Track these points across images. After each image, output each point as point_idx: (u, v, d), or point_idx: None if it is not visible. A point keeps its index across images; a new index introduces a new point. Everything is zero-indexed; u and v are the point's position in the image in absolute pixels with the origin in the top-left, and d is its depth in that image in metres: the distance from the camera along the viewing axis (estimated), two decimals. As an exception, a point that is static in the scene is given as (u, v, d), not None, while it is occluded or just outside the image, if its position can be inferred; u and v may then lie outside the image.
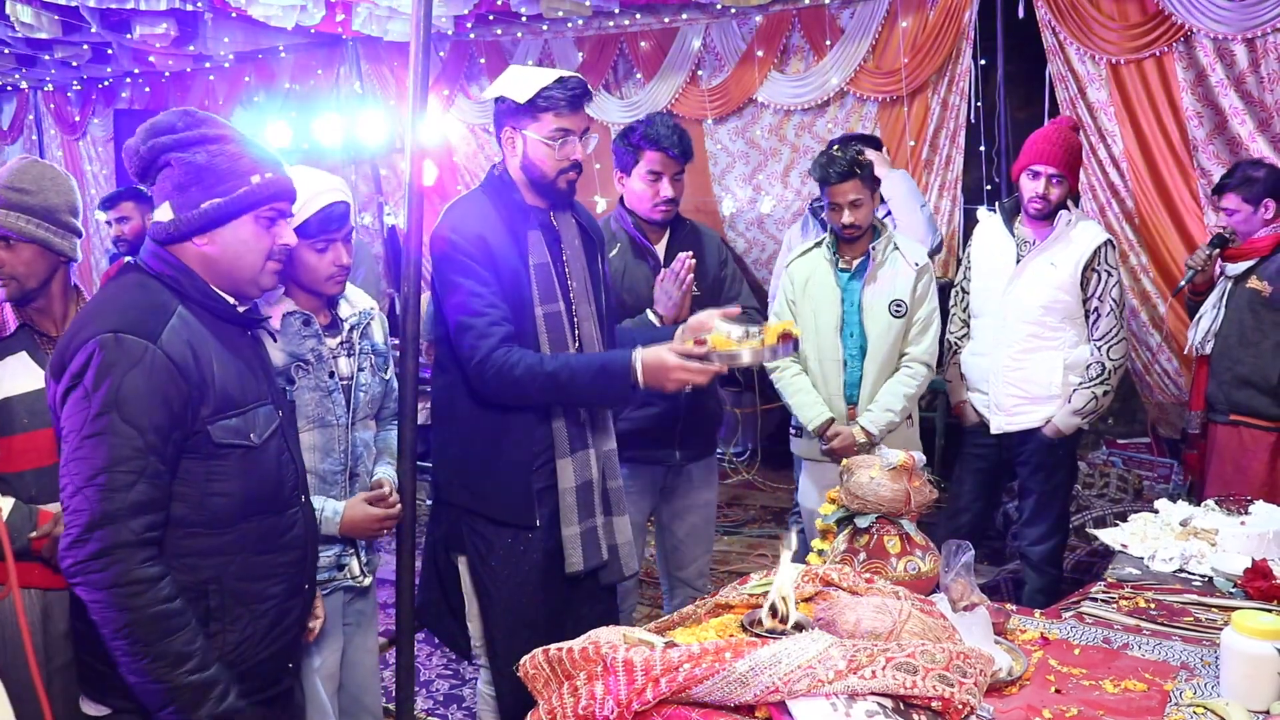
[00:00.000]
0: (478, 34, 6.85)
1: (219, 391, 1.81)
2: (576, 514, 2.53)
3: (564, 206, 2.61)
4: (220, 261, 1.87)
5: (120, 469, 1.69)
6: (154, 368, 1.72)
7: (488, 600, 2.56)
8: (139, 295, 1.81)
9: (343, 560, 2.41)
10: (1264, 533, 2.39)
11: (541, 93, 2.44)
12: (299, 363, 2.30)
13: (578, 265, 2.60)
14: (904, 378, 3.44)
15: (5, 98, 9.67)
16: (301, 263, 2.29)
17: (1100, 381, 3.51)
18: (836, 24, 5.75)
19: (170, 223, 1.84)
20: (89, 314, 1.80)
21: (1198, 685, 1.77)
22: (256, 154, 1.89)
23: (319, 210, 2.25)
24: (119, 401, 1.69)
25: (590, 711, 1.38)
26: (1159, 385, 5.09)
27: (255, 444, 1.87)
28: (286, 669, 2.02)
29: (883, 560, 2.04)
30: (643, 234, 3.18)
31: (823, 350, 3.49)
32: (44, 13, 6.08)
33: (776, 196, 6.18)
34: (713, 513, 3.46)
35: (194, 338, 1.80)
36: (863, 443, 3.37)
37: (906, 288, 3.42)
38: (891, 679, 1.40)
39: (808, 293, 3.50)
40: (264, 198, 1.87)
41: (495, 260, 2.45)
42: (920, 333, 3.46)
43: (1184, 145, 4.70)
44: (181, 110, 1.89)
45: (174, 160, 1.83)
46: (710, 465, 3.41)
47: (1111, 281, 3.52)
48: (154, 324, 1.76)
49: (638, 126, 3.11)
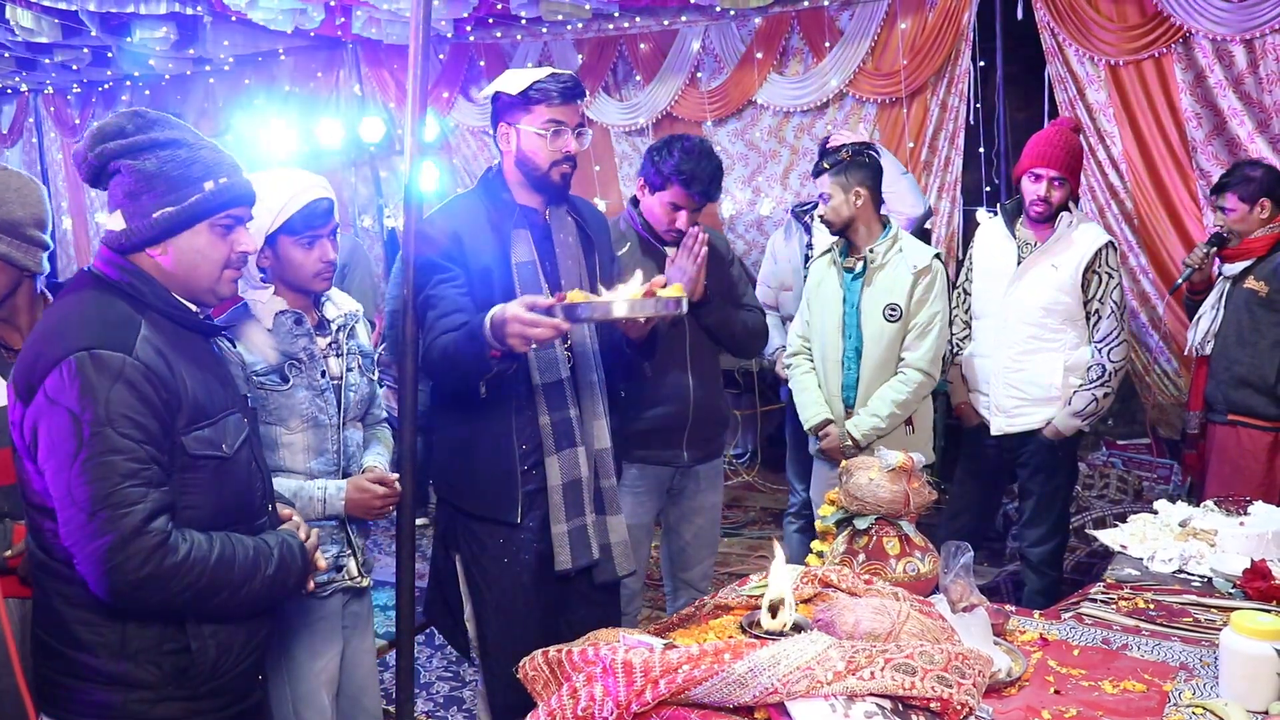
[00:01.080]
0: (477, 36, 6.86)
1: (191, 401, 1.77)
2: (564, 511, 2.54)
3: (559, 201, 2.62)
4: (176, 271, 1.81)
5: (128, 485, 1.66)
6: (135, 379, 1.68)
7: (480, 599, 2.58)
8: (104, 309, 1.75)
9: (340, 561, 2.41)
10: (1263, 533, 2.39)
11: (534, 85, 2.48)
12: (292, 361, 2.30)
13: (570, 262, 2.61)
14: (896, 384, 3.42)
15: (5, 101, 9.68)
16: (288, 260, 2.29)
17: (1101, 383, 3.52)
18: (835, 26, 5.75)
19: (123, 232, 1.78)
20: (52, 330, 1.72)
21: (1197, 686, 1.77)
22: (210, 158, 1.82)
23: (302, 207, 2.25)
24: (110, 419, 1.65)
25: (590, 713, 1.39)
26: (1158, 386, 5.09)
27: (227, 454, 1.83)
28: (256, 681, 1.99)
29: (882, 561, 2.04)
30: (651, 234, 3.19)
31: (826, 350, 3.53)
32: (44, 17, 6.09)
33: (776, 198, 6.18)
34: (718, 515, 3.47)
35: (163, 347, 1.76)
36: (848, 445, 3.38)
37: (903, 292, 3.39)
38: (890, 680, 1.41)
39: (819, 292, 3.56)
40: (218, 205, 1.81)
41: (467, 257, 2.48)
42: (918, 338, 3.42)
43: (1183, 146, 4.70)
44: (132, 112, 1.81)
45: (123, 167, 1.76)
46: (716, 468, 3.42)
47: (1113, 284, 3.52)
48: (126, 336, 1.71)
49: (675, 154, 3.02)
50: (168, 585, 1.69)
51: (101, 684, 1.76)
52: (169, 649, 1.79)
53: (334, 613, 2.42)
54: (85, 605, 1.75)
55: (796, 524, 4.22)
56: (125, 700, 1.77)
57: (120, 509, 1.64)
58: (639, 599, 3.42)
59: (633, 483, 3.20)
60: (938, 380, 3.52)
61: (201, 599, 1.74)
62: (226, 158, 1.85)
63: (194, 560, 1.71)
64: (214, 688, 1.83)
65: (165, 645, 1.79)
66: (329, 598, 2.40)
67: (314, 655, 2.37)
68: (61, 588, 1.76)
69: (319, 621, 2.38)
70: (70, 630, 1.76)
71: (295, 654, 2.35)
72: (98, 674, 1.76)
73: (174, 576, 1.69)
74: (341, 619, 2.47)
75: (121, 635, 1.76)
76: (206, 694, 1.83)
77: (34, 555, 1.81)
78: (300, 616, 2.35)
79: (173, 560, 1.68)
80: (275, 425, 2.29)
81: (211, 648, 1.81)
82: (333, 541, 2.38)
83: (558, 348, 2.55)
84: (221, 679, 1.84)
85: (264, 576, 1.81)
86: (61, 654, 1.77)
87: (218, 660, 1.82)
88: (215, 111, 8.11)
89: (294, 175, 2.32)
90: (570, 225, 2.64)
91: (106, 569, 1.65)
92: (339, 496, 2.32)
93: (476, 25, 6.66)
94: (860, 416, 3.43)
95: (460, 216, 2.54)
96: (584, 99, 2.59)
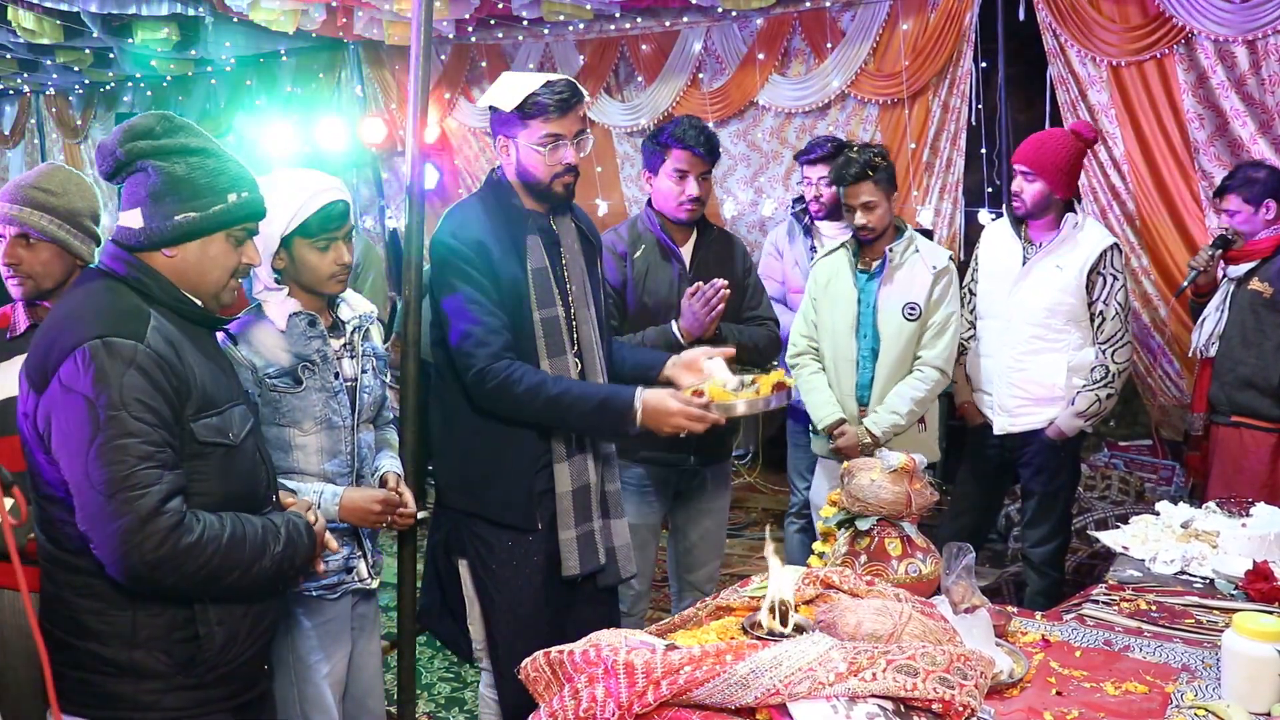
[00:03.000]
0: (478, 37, 6.86)
1: (200, 389, 1.81)
2: (574, 518, 2.54)
3: (562, 210, 2.62)
4: (186, 274, 1.86)
5: (144, 467, 1.69)
6: (147, 365, 1.72)
7: (489, 603, 2.57)
8: (114, 300, 1.79)
9: (351, 563, 2.40)
10: (1265, 535, 2.39)
11: (529, 99, 2.44)
12: (305, 363, 2.29)
13: (577, 269, 2.60)
14: (914, 381, 3.45)
15: (7, 101, 9.70)
16: (302, 262, 2.28)
17: (1104, 384, 3.52)
18: (837, 27, 5.75)
19: (140, 230, 1.81)
20: (64, 320, 1.76)
21: (1199, 687, 1.77)
22: (235, 171, 1.87)
23: (319, 209, 2.25)
24: (125, 403, 1.69)
25: (591, 714, 1.39)
26: (1160, 387, 5.08)
27: (235, 443, 1.87)
28: (263, 670, 2.03)
29: (884, 563, 2.04)
30: (669, 236, 3.18)
31: (838, 350, 3.52)
32: (46, 18, 6.10)
33: (778, 199, 6.17)
34: (724, 518, 3.46)
35: (172, 337, 1.79)
36: (866, 443, 3.38)
37: (922, 291, 3.44)
38: (892, 681, 1.41)
39: (828, 292, 3.54)
40: (238, 218, 1.86)
41: (494, 266, 2.46)
42: (935, 337, 3.47)
43: (1185, 147, 4.69)
44: (160, 114, 1.86)
45: (151, 167, 1.80)
46: (724, 471, 3.41)
47: (1117, 285, 3.52)
48: (137, 325, 1.75)
49: (667, 126, 3.13)
50: (183, 565, 1.72)
51: (111, 674, 1.78)
52: (178, 637, 1.81)
53: (344, 614, 2.41)
54: (95, 594, 1.78)
55: (797, 524, 4.22)
56: (136, 690, 1.79)
57: (136, 491, 1.68)
58: (645, 600, 3.41)
59: (639, 483, 3.20)
60: (950, 379, 3.56)
61: (214, 579, 1.78)
62: (248, 173, 1.90)
63: (207, 540, 1.75)
64: (222, 675, 1.86)
65: (174, 634, 1.81)
66: (339, 599, 2.39)
67: (323, 657, 2.36)
68: (70, 578, 1.79)
69: (329, 623, 2.37)
70: (79, 620, 1.79)
71: (304, 655, 2.34)
72: (107, 664, 1.79)
73: (189, 556, 1.72)
74: (350, 621, 2.47)
75: (131, 624, 1.78)
76: (214, 682, 1.86)
77: (42, 547, 1.83)
78: (311, 617, 2.34)
79: (188, 540, 1.72)
80: (289, 427, 2.28)
81: (219, 634, 1.84)
82: (343, 544, 2.37)
83: (568, 355, 2.54)
84: (229, 666, 1.87)
85: (272, 555, 1.85)
86: (69, 645, 1.78)
87: (225, 646, 1.85)
88: (217, 112, 8.12)
89: (310, 177, 2.31)
90: (574, 231, 2.64)
91: (124, 550, 1.68)
92: (333, 502, 2.31)
93: (478, 26, 6.66)
94: (879, 414, 3.44)
95: (480, 225, 2.50)
96: (583, 103, 2.55)
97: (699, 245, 3.24)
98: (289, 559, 1.90)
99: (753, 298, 3.33)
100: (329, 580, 2.33)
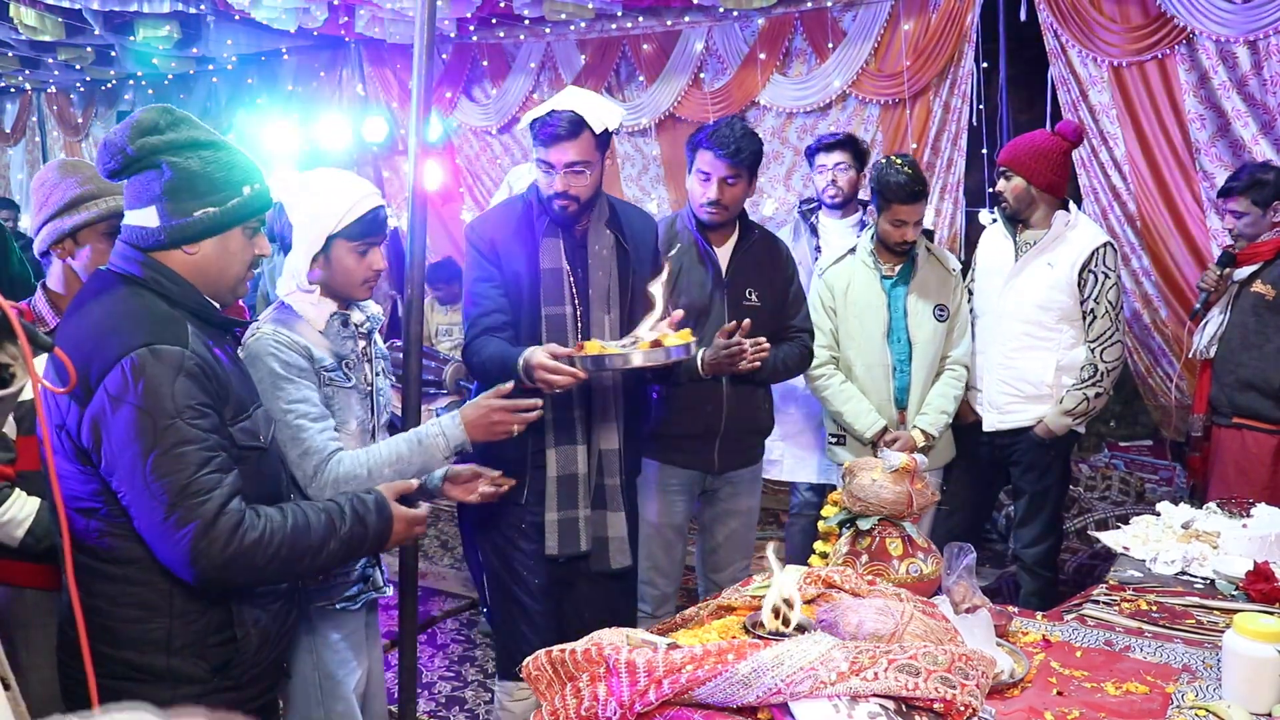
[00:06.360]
0: (480, 36, 6.86)
1: (234, 394, 1.81)
2: (557, 501, 2.67)
3: (568, 227, 2.68)
4: (207, 271, 1.82)
5: (204, 473, 1.69)
6: (194, 371, 1.71)
7: (486, 569, 2.76)
8: (147, 305, 1.75)
9: (367, 572, 2.38)
10: (1266, 535, 2.40)
11: (532, 122, 2.59)
12: (346, 363, 2.26)
13: (601, 274, 2.68)
14: (951, 380, 3.54)
15: (8, 99, 9.69)
16: (339, 265, 2.22)
17: (1092, 383, 3.52)
18: (839, 27, 5.75)
19: (158, 229, 1.76)
20: (98, 329, 1.71)
21: (1200, 688, 1.77)
22: (245, 163, 1.84)
23: (364, 214, 2.20)
24: (179, 411, 1.68)
25: (593, 713, 1.39)
26: (1161, 388, 5.08)
27: (265, 445, 1.89)
28: (281, 670, 2.05)
29: (885, 562, 2.04)
30: (705, 238, 3.16)
31: (870, 356, 3.50)
32: (48, 15, 6.10)
33: (778, 199, 6.17)
34: (754, 520, 3.44)
35: (204, 341, 1.78)
36: (923, 445, 3.42)
37: (948, 292, 3.52)
38: (894, 681, 1.41)
39: (849, 300, 3.52)
40: (255, 209, 1.84)
41: (501, 261, 2.67)
42: (960, 335, 3.58)
43: (1186, 148, 4.69)
44: (161, 107, 1.80)
45: (165, 163, 1.75)
46: (755, 474, 3.39)
47: (1108, 284, 3.52)
48: (178, 331, 1.73)
49: (707, 125, 3.13)
50: (253, 561, 1.74)
51: (147, 681, 1.76)
52: (213, 641, 1.81)
53: (363, 624, 2.40)
54: (133, 603, 1.76)
55: (799, 524, 4.21)
56: (172, 696, 1.75)
57: (199, 497, 1.68)
58: (671, 602, 3.33)
59: (664, 482, 3.20)
60: None
61: (287, 568, 1.80)
62: (255, 164, 1.88)
63: (271, 533, 1.76)
64: (253, 676, 1.88)
65: (210, 639, 1.81)
66: (359, 610, 2.36)
67: (352, 668, 2.33)
68: (106, 587, 1.76)
69: (352, 634, 2.34)
70: (114, 629, 1.76)
71: (333, 670, 2.29)
72: (143, 671, 1.77)
73: (257, 552, 1.74)
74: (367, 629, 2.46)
75: (167, 631, 1.78)
76: (248, 682, 1.87)
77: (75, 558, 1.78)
78: (338, 630, 2.31)
79: (253, 536, 1.73)
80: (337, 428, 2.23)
81: (254, 636, 1.86)
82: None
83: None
84: (259, 667, 1.89)
85: (339, 536, 1.88)
86: (103, 654, 1.74)
87: (259, 648, 1.87)
88: (218, 110, 8.12)
89: (355, 180, 2.27)
90: (608, 238, 2.71)
91: (193, 556, 1.68)
92: (456, 426, 2.22)
93: (479, 25, 6.66)
94: (930, 415, 3.49)
95: (496, 223, 2.73)
96: (581, 137, 2.54)
97: (737, 249, 3.19)
98: (358, 537, 1.91)
99: (792, 307, 3.27)
100: (350, 591, 2.31)
